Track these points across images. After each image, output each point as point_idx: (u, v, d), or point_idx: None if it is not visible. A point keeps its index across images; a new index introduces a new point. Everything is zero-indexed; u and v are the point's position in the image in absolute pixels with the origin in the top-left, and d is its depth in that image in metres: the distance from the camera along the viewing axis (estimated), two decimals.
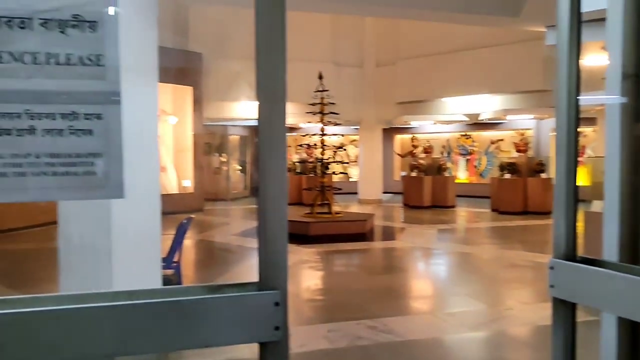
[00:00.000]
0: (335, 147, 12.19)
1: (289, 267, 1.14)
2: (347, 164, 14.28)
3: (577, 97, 1.50)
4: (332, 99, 11.42)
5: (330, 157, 11.72)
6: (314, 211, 11.16)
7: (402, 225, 12.74)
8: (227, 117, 16.63)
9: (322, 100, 11.33)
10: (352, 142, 21.72)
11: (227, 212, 15.60)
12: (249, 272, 7.64)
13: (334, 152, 11.93)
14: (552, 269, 1.51)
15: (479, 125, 19.13)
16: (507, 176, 14.74)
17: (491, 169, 19.36)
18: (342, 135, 18.54)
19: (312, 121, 11.63)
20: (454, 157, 20.58)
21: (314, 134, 11.57)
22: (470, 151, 20.35)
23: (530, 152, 16.08)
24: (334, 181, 16.00)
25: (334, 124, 11.65)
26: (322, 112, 11.38)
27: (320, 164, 11.65)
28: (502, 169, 15.10)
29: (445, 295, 6.68)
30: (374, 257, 9.22)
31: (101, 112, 1.01)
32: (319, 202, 11.25)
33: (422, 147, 18.03)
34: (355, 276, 7.64)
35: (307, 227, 10.16)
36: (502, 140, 19.44)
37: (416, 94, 16.13)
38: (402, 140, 21.81)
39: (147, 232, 4.01)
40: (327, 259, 8.61)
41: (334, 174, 12.66)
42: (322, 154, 11.56)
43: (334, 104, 11.41)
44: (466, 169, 20.40)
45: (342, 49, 17.10)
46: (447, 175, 16.79)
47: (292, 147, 22.20)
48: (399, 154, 21.58)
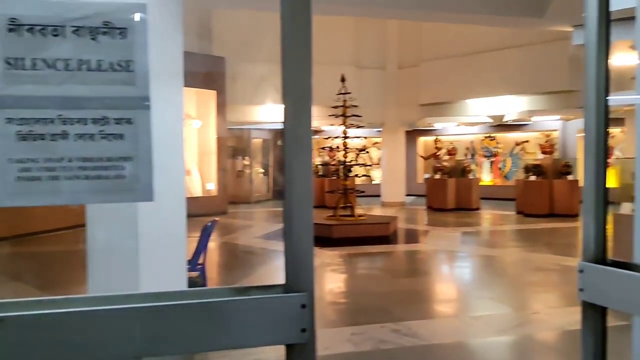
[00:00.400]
0: (357, 149, 12.17)
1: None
2: (369, 166, 14.23)
3: (607, 97, 1.47)
4: (354, 101, 11.41)
5: (352, 159, 11.70)
6: (336, 214, 11.15)
7: (426, 227, 12.66)
8: (250, 121, 16.75)
9: (344, 102, 11.33)
10: (374, 144, 21.65)
11: (250, 214, 15.70)
12: (272, 274, 7.67)
13: (357, 154, 11.91)
14: (582, 272, 1.48)
15: (503, 126, 18.90)
16: (532, 178, 14.52)
17: (516, 171, 19.11)
18: (364, 137, 18.57)
19: (334, 124, 11.63)
20: (478, 159, 20.37)
21: (337, 137, 11.57)
22: (494, 153, 20.12)
23: (556, 153, 15.82)
24: (357, 184, 15.98)
25: (356, 127, 11.62)
26: (344, 114, 11.37)
27: (342, 167, 11.64)
28: (527, 170, 14.89)
29: (470, 298, 6.61)
30: (397, 260, 9.18)
31: (131, 116, 1.03)
32: (342, 205, 11.23)
33: (446, 149, 17.88)
34: (378, 279, 7.61)
35: (330, 230, 10.16)
36: (527, 141, 19.17)
37: (439, 96, 16.03)
38: (425, 142, 21.67)
39: (173, 235, 4.06)
40: (350, 262, 8.60)
41: (357, 176, 12.61)
42: (344, 156, 11.55)
43: (357, 106, 11.40)
44: (490, 171, 20.18)
45: (364, 52, 17.09)
46: (471, 177, 16.62)
47: (314, 150, 22.22)
48: (422, 156, 21.44)
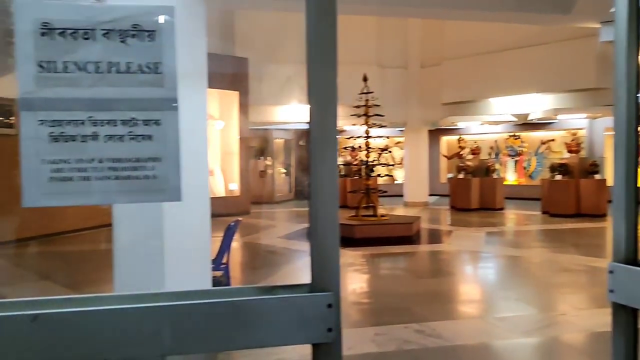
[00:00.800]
0: (380, 149, 12.12)
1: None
2: (392, 166, 14.15)
3: (637, 95, 1.44)
4: (376, 100, 11.37)
5: (375, 159, 11.67)
6: (359, 214, 11.13)
7: (449, 228, 12.55)
8: (272, 121, 16.82)
9: (366, 102, 11.30)
10: (397, 144, 21.56)
11: (272, 214, 15.76)
12: (295, 274, 7.70)
13: (379, 154, 11.87)
14: (612, 273, 1.46)
15: (528, 125, 18.65)
16: (558, 177, 14.29)
17: (541, 170, 18.84)
18: (386, 137, 18.48)
19: (356, 123, 11.60)
20: (502, 159, 20.13)
21: (359, 137, 11.54)
22: (519, 152, 19.86)
23: (582, 152, 15.54)
24: (379, 184, 15.93)
25: (378, 126, 11.59)
26: (366, 114, 11.34)
27: (364, 167, 11.61)
28: (553, 170, 14.65)
29: (494, 299, 6.53)
30: (420, 261, 9.12)
31: (159, 118, 1.05)
32: (364, 205, 11.21)
33: (469, 148, 17.70)
34: (401, 279, 7.57)
35: (352, 230, 10.14)
36: (552, 140, 18.89)
37: (462, 95, 15.88)
38: (448, 141, 21.50)
39: (198, 234, 4.10)
40: (373, 262, 8.57)
41: (379, 176, 12.56)
42: (366, 156, 11.52)
43: (379, 106, 11.35)
44: (515, 171, 19.92)
45: (386, 51, 17.02)
46: (495, 176, 16.44)
47: None
48: (445, 156, 21.27)
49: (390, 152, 13.12)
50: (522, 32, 13.60)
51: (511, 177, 19.80)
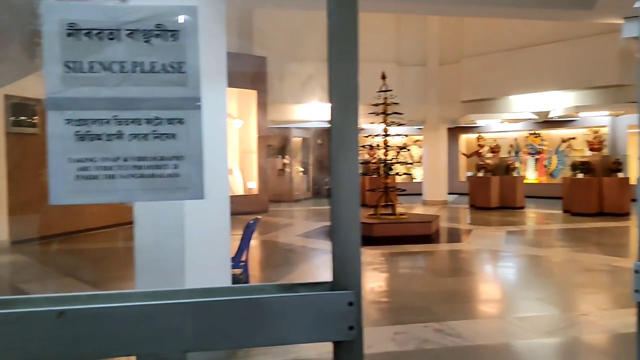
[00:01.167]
0: (398, 147, 12.07)
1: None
2: (410, 164, 14.08)
3: None
4: (395, 98, 11.32)
5: (393, 157, 11.62)
6: (377, 212, 11.10)
7: (469, 227, 12.45)
8: (290, 120, 16.86)
9: (385, 100, 11.25)
10: (415, 142, 21.45)
11: (290, 213, 15.80)
12: (313, 272, 7.71)
13: (397, 152, 11.82)
14: (638, 272, 1.44)
15: (548, 123, 18.40)
16: (580, 176, 14.09)
17: (562, 169, 18.59)
18: (405, 135, 18.41)
19: (374, 122, 11.56)
20: (522, 157, 19.91)
21: (377, 135, 11.50)
22: (539, 150, 19.61)
23: (605, 150, 15.29)
24: (398, 182, 15.88)
25: (397, 124, 11.53)
26: (385, 112, 11.30)
27: (383, 165, 11.57)
28: (574, 168, 14.45)
29: (515, 299, 6.46)
30: (439, 260, 9.07)
31: (183, 117, 1.06)
32: (383, 204, 11.17)
33: (489, 146, 17.53)
34: (421, 278, 7.54)
35: (370, 229, 10.12)
36: (574, 138, 18.62)
37: (482, 92, 15.72)
38: (467, 139, 21.32)
39: (218, 232, 4.13)
40: (392, 261, 8.55)
41: (398, 174, 12.51)
42: (385, 154, 11.48)
43: (397, 103, 11.31)
44: (535, 169, 19.68)
45: (404, 48, 16.94)
46: (515, 175, 16.28)
47: None
48: (464, 154, 21.10)
49: (408, 150, 13.06)
50: (542, 29, 13.42)
51: (531, 175, 19.57)
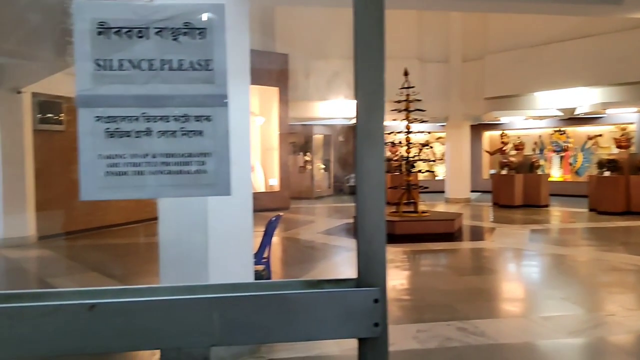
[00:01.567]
0: (420, 144, 11.99)
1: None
2: (433, 162, 13.97)
3: None
4: (417, 95, 11.24)
5: (415, 155, 11.55)
6: (399, 210, 11.05)
7: (492, 225, 12.32)
8: (311, 117, 16.87)
9: (407, 97, 11.19)
10: (438, 139, 21.28)
11: (311, 210, 15.83)
12: (334, 269, 7.72)
13: (420, 149, 11.74)
14: None
15: (574, 120, 18.08)
16: (606, 174, 13.82)
17: (588, 167, 18.26)
18: (427, 132, 18.26)
19: (397, 119, 11.52)
20: (547, 154, 19.60)
21: (399, 132, 11.45)
22: (564, 148, 19.28)
23: (632, 148, 14.97)
24: (420, 179, 15.78)
25: (419, 121, 11.46)
26: (407, 109, 11.24)
27: (405, 162, 11.51)
28: (601, 166, 14.18)
29: (539, 298, 6.38)
30: (462, 258, 8.99)
31: (210, 114, 1.07)
32: (405, 201, 11.12)
33: (513, 143, 17.30)
34: (443, 276, 7.49)
35: (393, 226, 10.08)
36: (600, 135, 18.26)
37: (506, 89, 15.51)
38: (491, 137, 21.07)
39: (240, 229, 4.16)
40: (414, 259, 8.51)
41: (420, 172, 12.43)
42: (407, 152, 11.42)
43: (420, 100, 11.23)
44: (560, 167, 19.36)
45: (427, 45, 16.81)
46: (539, 173, 16.04)
47: None
48: (487, 151, 20.86)
49: (431, 147, 12.98)
50: (568, 24, 13.18)
51: (556, 173, 19.26)
